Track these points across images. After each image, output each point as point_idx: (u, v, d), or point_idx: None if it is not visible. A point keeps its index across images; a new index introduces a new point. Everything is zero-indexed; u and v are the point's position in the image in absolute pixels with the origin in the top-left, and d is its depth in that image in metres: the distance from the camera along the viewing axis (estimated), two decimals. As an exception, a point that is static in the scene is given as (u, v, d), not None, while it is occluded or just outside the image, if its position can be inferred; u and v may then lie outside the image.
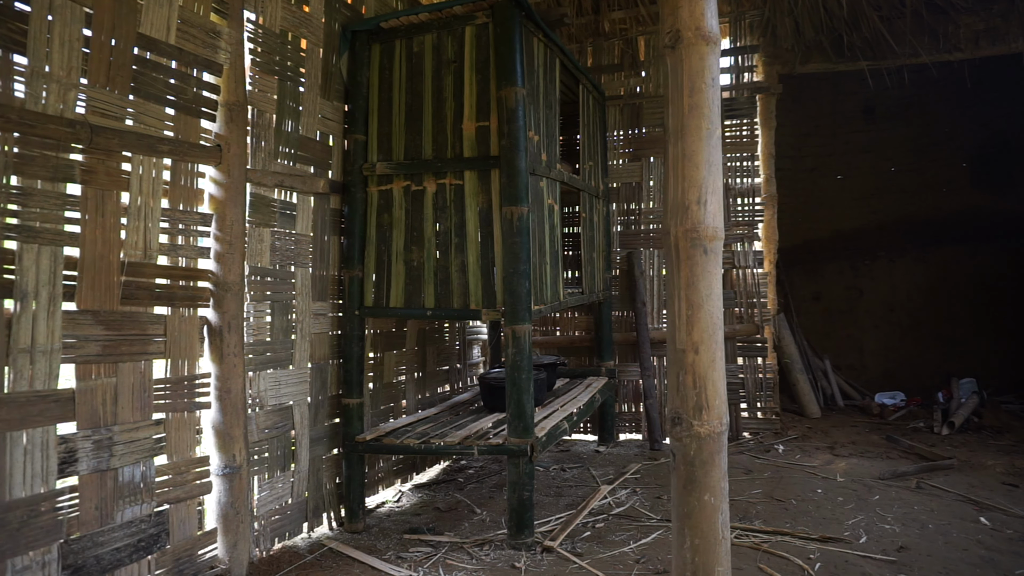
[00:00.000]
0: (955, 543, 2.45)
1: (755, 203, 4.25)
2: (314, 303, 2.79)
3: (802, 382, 4.79)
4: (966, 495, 2.95)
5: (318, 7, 2.81)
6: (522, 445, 2.55)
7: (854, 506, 2.86)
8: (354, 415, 2.84)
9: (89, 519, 1.87)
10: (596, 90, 4.07)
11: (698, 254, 1.45)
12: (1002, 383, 5.08)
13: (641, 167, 4.39)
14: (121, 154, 1.99)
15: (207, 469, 2.26)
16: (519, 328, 2.57)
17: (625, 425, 4.37)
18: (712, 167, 1.46)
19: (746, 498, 3.00)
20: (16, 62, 1.72)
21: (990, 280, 5.41)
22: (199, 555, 2.22)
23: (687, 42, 1.46)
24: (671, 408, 1.49)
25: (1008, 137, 5.34)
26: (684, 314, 1.46)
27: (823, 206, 5.84)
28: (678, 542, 1.47)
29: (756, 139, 4.26)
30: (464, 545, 2.55)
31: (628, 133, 4.44)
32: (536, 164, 2.80)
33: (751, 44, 4.35)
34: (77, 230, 1.88)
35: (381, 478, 3.23)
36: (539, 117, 2.91)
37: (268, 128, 2.56)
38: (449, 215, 2.76)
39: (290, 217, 2.68)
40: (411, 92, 2.86)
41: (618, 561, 2.38)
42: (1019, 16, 4.08)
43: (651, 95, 4.40)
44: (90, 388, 1.90)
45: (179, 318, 2.18)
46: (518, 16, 2.65)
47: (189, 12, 2.21)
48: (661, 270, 4.34)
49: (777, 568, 2.26)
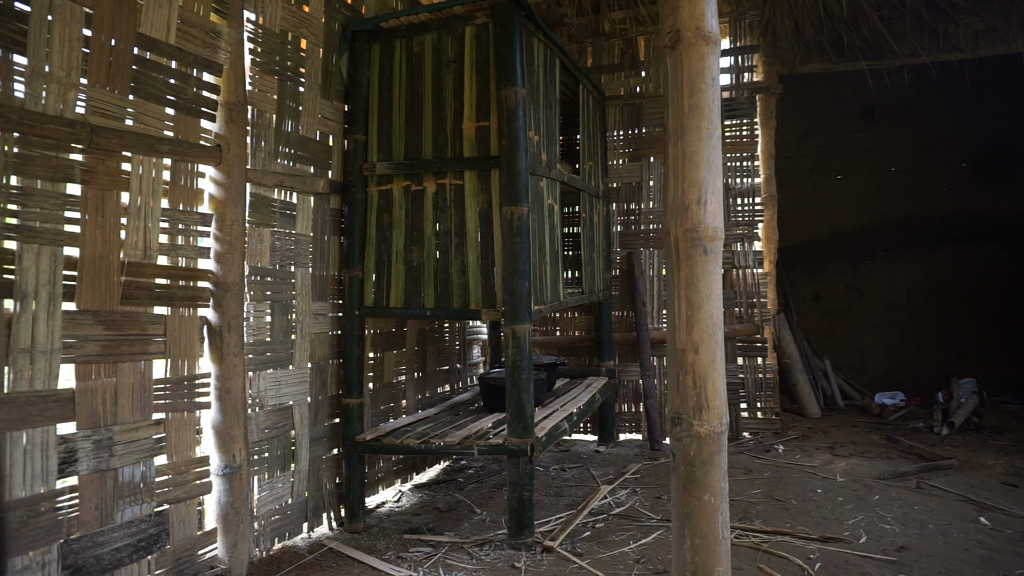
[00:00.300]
0: (955, 543, 2.45)
1: (755, 203, 4.25)
2: (314, 303, 2.78)
3: (802, 382, 4.79)
4: (966, 495, 2.95)
5: (318, 7, 2.81)
6: (522, 445, 2.55)
7: (854, 506, 2.86)
8: (354, 415, 2.84)
9: (89, 519, 1.87)
10: (596, 90, 4.07)
11: (698, 254, 1.45)
12: (1002, 383, 5.08)
13: (641, 167, 4.39)
14: (121, 154, 1.99)
15: (207, 469, 2.26)
16: (519, 328, 2.57)
17: (625, 425, 4.37)
18: (712, 167, 1.46)
19: (746, 498, 3.00)
20: (16, 62, 1.72)
21: (990, 280, 5.41)
22: (199, 555, 2.22)
23: (687, 42, 1.46)
24: (671, 408, 1.49)
25: (1008, 137, 5.34)
26: (684, 314, 1.46)
27: (823, 206, 5.84)
28: (678, 542, 1.47)
29: (756, 139, 4.26)
30: (464, 545, 2.55)
31: (628, 133, 4.44)
32: (536, 164, 2.80)
33: (751, 44, 4.35)
34: (77, 230, 1.88)
35: (381, 478, 3.23)
36: (539, 117, 2.91)
37: (268, 128, 2.56)
38: (449, 215, 2.76)
39: (290, 217, 2.68)
40: (411, 92, 2.86)
41: (618, 561, 2.38)
42: (1019, 16, 4.08)
43: (651, 95, 4.40)
44: (90, 388, 1.90)
45: (179, 318, 2.17)
46: (518, 16, 2.64)
47: (189, 12, 2.21)
48: (661, 270, 4.34)
49: (777, 568, 2.25)
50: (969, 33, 4.19)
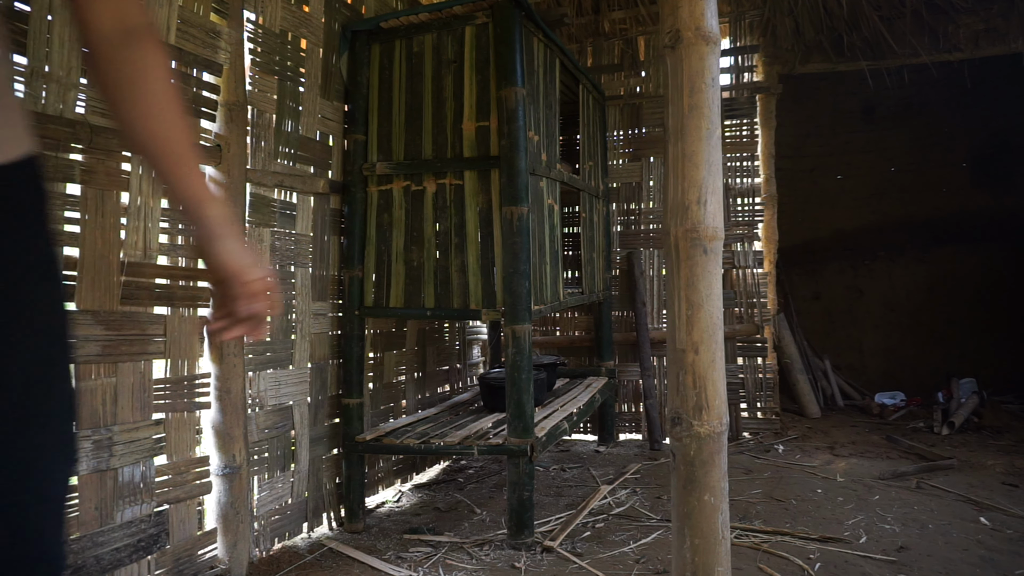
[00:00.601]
0: (955, 543, 2.45)
1: (755, 203, 4.25)
2: (314, 303, 2.78)
3: (802, 382, 4.79)
4: (966, 495, 2.95)
5: (318, 7, 2.81)
6: (522, 445, 2.55)
7: (854, 506, 2.86)
8: (354, 415, 2.84)
9: (89, 519, 1.87)
10: (596, 90, 4.07)
11: (698, 254, 1.45)
12: (1002, 383, 5.07)
13: (641, 167, 4.39)
14: (121, 154, 1.99)
15: (207, 469, 2.26)
16: (519, 328, 2.57)
17: (625, 425, 4.37)
18: (712, 167, 1.46)
19: (746, 498, 3.00)
20: (16, 62, 1.72)
21: (990, 280, 5.41)
22: (199, 555, 2.22)
23: (687, 42, 1.46)
24: (671, 408, 1.49)
25: (1008, 137, 5.34)
26: (684, 314, 1.46)
27: (823, 206, 5.83)
28: (678, 542, 1.47)
29: (756, 139, 4.26)
30: (464, 545, 2.55)
31: (628, 133, 4.44)
32: (536, 164, 2.80)
33: (751, 44, 4.35)
34: (77, 230, 1.88)
35: (381, 478, 3.23)
36: (539, 117, 2.91)
37: (268, 128, 2.56)
38: (449, 215, 2.76)
39: (290, 217, 2.68)
40: (411, 92, 2.86)
41: (618, 561, 2.38)
42: (1019, 16, 4.08)
43: (651, 95, 4.40)
44: (90, 388, 1.90)
45: (179, 318, 2.17)
46: (518, 16, 2.64)
47: (189, 12, 2.21)
48: (661, 270, 4.34)
49: (777, 568, 2.25)
50: (969, 33, 4.19)
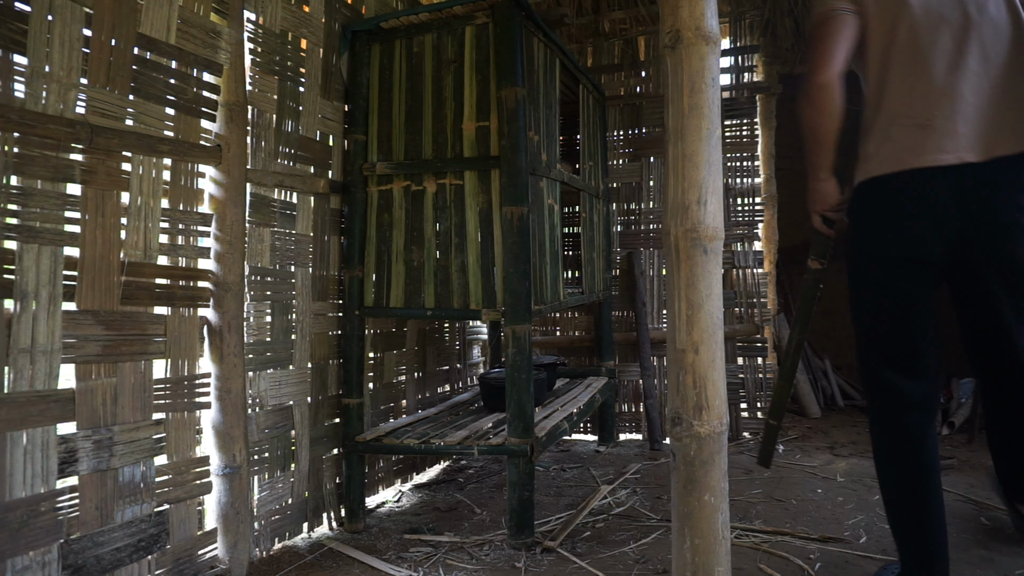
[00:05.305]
0: (955, 543, 2.45)
1: (755, 203, 4.25)
2: (314, 303, 2.79)
3: (802, 382, 4.79)
4: (966, 495, 2.95)
5: (318, 7, 2.81)
6: (522, 445, 2.55)
7: (854, 506, 2.86)
8: (354, 415, 2.84)
9: (89, 519, 1.87)
10: (596, 90, 4.07)
11: (698, 254, 1.45)
12: (1002, 383, 5.06)
13: (641, 167, 4.39)
14: (121, 154, 1.99)
15: (207, 469, 2.26)
16: (519, 328, 2.57)
17: (625, 425, 4.37)
18: (712, 167, 1.46)
19: (746, 498, 3.00)
20: (16, 62, 1.72)
21: (990, 280, 5.39)
22: (199, 555, 2.22)
23: (687, 42, 1.46)
24: (671, 408, 1.49)
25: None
26: (684, 314, 1.46)
27: (823, 206, 5.82)
28: (678, 542, 1.47)
29: (756, 139, 4.26)
30: (464, 545, 2.55)
31: (628, 133, 4.44)
32: (536, 164, 2.80)
33: (751, 44, 4.35)
34: (77, 230, 1.88)
35: (381, 478, 3.23)
36: (539, 117, 2.91)
37: (268, 128, 2.56)
38: (449, 215, 2.76)
39: (290, 217, 2.68)
40: (411, 92, 2.86)
41: (618, 561, 2.38)
42: (1019, 16, 4.07)
43: (651, 95, 4.40)
44: (90, 388, 1.90)
45: (179, 318, 2.18)
46: (518, 16, 2.65)
47: (189, 12, 2.21)
48: (661, 270, 4.34)
49: (777, 568, 2.26)
50: (969, 33, 4.18)
